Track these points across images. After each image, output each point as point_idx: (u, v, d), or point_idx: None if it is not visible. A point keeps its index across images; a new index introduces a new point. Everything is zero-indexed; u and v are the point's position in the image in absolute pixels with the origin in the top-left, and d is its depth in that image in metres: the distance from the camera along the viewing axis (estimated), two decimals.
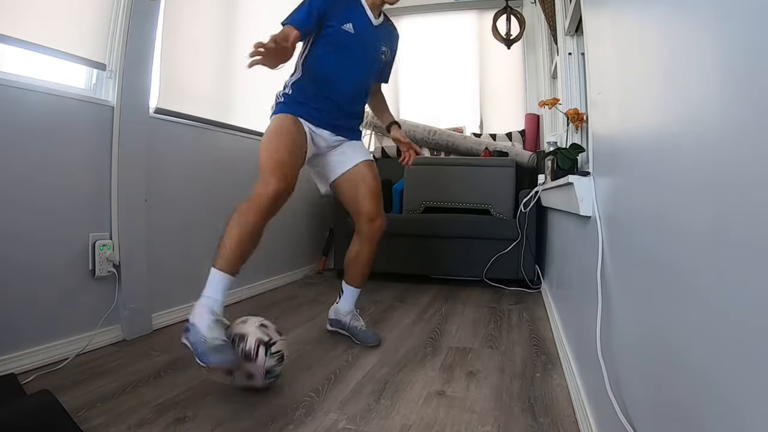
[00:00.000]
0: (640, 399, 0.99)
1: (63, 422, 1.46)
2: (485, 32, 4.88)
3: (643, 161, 1.02)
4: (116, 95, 2.32)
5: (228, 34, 3.36)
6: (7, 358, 1.88)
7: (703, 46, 0.70)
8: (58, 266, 2.10)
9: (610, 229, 1.34)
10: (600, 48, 1.62)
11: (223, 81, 3.32)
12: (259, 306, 3.15)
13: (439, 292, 3.64)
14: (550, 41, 3.92)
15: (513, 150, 4.40)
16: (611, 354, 1.23)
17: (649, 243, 0.95)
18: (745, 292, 0.56)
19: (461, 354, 2.25)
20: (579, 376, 1.74)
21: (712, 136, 0.66)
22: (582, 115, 2.40)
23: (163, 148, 2.66)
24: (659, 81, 0.91)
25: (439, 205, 4.00)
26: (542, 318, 2.91)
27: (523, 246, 3.70)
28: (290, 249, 3.98)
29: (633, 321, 1.06)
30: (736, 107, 0.59)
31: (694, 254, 0.72)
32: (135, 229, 2.43)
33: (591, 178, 1.63)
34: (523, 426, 1.57)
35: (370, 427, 1.56)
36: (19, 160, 1.94)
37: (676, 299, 0.80)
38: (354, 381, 1.93)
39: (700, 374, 0.69)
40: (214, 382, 1.88)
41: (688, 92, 0.75)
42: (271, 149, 2.23)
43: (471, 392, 1.83)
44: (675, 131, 0.81)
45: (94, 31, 2.27)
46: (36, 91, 2.00)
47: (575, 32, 2.85)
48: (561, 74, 3.03)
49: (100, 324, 2.23)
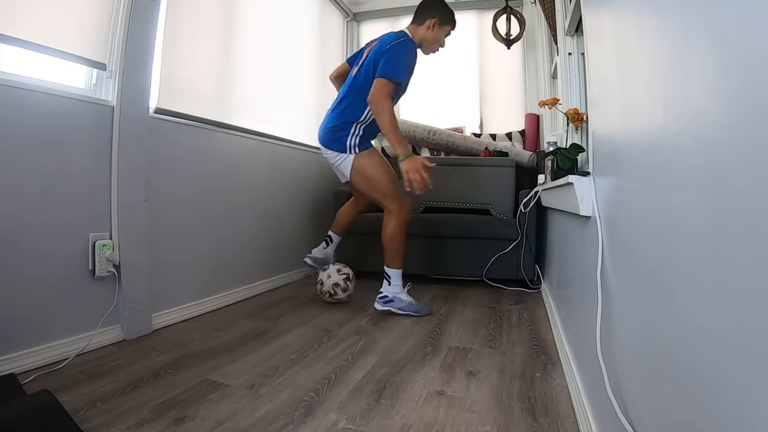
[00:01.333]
0: (640, 399, 0.99)
1: (63, 422, 1.46)
2: (485, 32, 4.89)
3: (643, 161, 1.02)
4: (116, 95, 2.32)
5: (228, 34, 3.36)
6: (7, 358, 1.88)
7: (703, 45, 0.70)
8: (58, 266, 2.10)
9: (610, 229, 1.34)
10: (600, 48, 1.62)
11: (223, 81, 3.32)
12: (260, 305, 3.15)
13: (438, 292, 3.65)
14: (550, 41, 3.92)
15: (513, 150, 4.40)
16: (611, 354, 1.23)
17: (649, 243, 0.95)
18: (746, 292, 0.56)
19: (461, 354, 2.25)
20: (579, 376, 1.74)
21: (711, 136, 0.66)
22: (582, 115, 2.40)
23: (163, 148, 2.66)
24: (659, 81, 0.91)
25: (439, 205, 4.00)
26: (542, 318, 2.91)
27: (523, 246, 3.70)
28: (290, 249, 3.98)
29: (633, 321, 1.06)
30: (736, 106, 0.59)
31: (695, 254, 0.72)
32: (135, 229, 2.43)
33: (591, 178, 1.63)
34: (523, 426, 1.57)
35: (370, 427, 1.56)
36: (18, 161, 1.94)
37: (676, 299, 0.80)
38: (354, 381, 1.93)
39: (700, 374, 0.69)
40: (214, 381, 1.88)
41: (688, 92, 0.75)
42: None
43: (471, 392, 1.83)
44: (675, 131, 0.81)
45: (94, 30, 2.27)
46: (36, 91, 2.00)
47: (575, 32, 2.85)
48: (561, 74, 3.03)
49: (100, 324, 2.23)
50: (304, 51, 4.39)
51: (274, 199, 3.79)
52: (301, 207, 4.13)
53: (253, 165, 3.52)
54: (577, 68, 2.86)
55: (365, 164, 2.96)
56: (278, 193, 3.84)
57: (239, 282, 3.36)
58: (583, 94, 2.73)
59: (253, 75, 3.62)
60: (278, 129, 3.82)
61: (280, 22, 3.99)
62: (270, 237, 3.72)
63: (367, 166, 2.96)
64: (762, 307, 0.52)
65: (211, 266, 3.07)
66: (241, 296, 3.33)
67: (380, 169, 2.98)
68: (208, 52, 3.17)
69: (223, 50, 3.32)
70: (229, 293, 3.22)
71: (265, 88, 3.75)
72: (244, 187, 3.40)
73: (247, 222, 3.45)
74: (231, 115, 3.33)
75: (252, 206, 3.50)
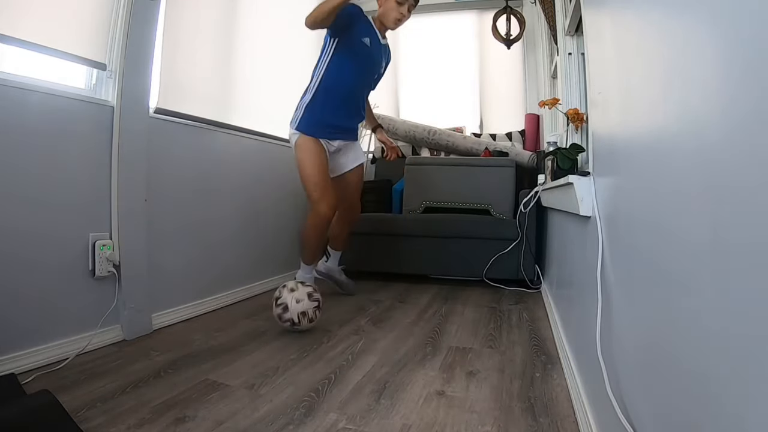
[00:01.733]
0: (640, 399, 0.98)
1: (63, 422, 1.46)
2: (485, 32, 4.88)
3: (643, 161, 1.02)
4: (116, 95, 2.32)
5: (228, 33, 3.36)
6: (6, 358, 1.88)
7: (703, 45, 0.70)
8: (57, 266, 2.10)
9: (610, 229, 1.34)
10: (600, 48, 1.62)
11: (223, 81, 3.33)
12: (260, 305, 3.14)
13: (438, 292, 3.65)
14: (550, 41, 3.92)
15: (513, 150, 4.40)
16: (611, 354, 1.23)
17: (650, 243, 0.95)
18: (746, 292, 0.56)
19: (461, 354, 2.25)
20: (579, 376, 1.74)
21: (712, 136, 0.66)
22: (582, 115, 2.41)
23: (163, 148, 2.66)
24: (659, 81, 0.91)
25: (439, 205, 3.99)
26: (542, 318, 2.91)
27: (523, 246, 3.70)
28: (290, 249, 3.98)
29: (633, 321, 1.06)
30: (737, 107, 0.59)
31: (694, 254, 0.72)
32: (135, 229, 2.43)
33: (591, 178, 1.63)
34: (523, 426, 1.57)
35: (370, 427, 1.56)
36: (18, 161, 1.94)
37: (676, 299, 0.80)
38: (354, 381, 1.93)
39: (699, 375, 0.69)
40: (214, 381, 1.88)
41: (688, 92, 0.75)
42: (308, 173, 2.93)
43: (471, 392, 1.83)
44: (675, 131, 0.81)
45: (94, 30, 2.27)
46: (36, 91, 2.00)
47: (575, 32, 2.85)
48: (561, 74, 3.03)
49: (100, 324, 2.23)
50: (304, 51, 4.38)
51: (274, 199, 3.79)
52: (302, 207, 4.12)
53: (253, 165, 3.52)
54: (577, 68, 2.86)
55: (300, 146, 2.95)
56: (278, 193, 3.84)
57: (239, 282, 3.36)
58: (583, 94, 2.73)
59: (254, 75, 3.61)
60: (278, 129, 3.81)
61: (280, 21, 3.98)
62: (270, 237, 3.72)
63: (300, 150, 2.95)
64: (762, 307, 0.52)
65: (211, 266, 3.07)
66: (241, 296, 3.33)
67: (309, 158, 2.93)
68: (208, 52, 3.18)
69: (223, 50, 3.32)
70: (229, 293, 3.22)
71: (265, 88, 3.75)
72: (243, 187, 3.40)
73: (247, 221, 3.45)
74: (231, 115, 3.34)
75: (252, 205, 3.50)
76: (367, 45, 2.93)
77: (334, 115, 2.98)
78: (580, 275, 1.80)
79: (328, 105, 2.94)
